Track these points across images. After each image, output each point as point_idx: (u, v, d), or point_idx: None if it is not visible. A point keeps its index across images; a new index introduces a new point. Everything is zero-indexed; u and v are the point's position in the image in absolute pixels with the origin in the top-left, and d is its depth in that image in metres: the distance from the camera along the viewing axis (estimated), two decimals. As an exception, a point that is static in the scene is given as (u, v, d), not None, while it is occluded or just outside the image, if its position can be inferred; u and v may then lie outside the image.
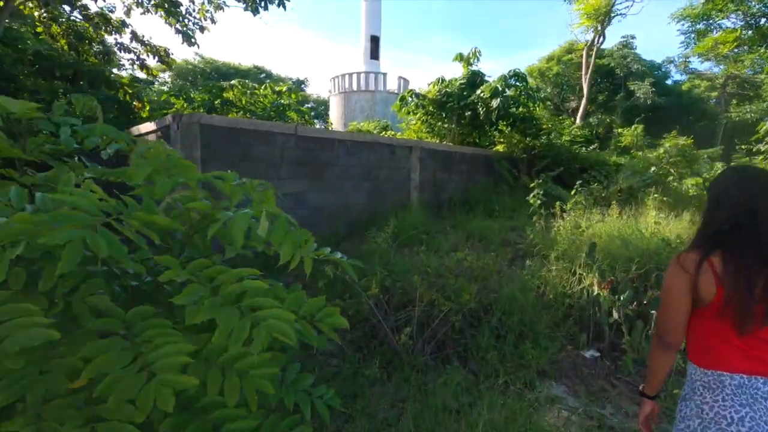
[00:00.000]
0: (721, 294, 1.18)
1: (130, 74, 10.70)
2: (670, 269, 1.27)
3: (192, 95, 8.25)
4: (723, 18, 14.58)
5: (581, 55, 26.63)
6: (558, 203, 5.92)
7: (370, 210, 6.68)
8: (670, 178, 8.48)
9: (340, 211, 6.35)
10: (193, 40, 7.95)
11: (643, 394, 1.42)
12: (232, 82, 7.81)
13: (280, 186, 5.62)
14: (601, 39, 18.16)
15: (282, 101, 8.98)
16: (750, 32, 15.03)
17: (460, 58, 8.52)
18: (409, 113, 9.05)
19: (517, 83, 8.10)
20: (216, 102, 7.46)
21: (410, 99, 8.82)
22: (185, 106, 7.25)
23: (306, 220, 5.93)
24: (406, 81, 23.19)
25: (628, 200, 6.81)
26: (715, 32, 15.40)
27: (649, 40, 48.22)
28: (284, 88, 9.33)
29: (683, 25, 15.27)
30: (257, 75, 36.03)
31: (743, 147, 12.64)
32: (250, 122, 5.36)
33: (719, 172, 1.51)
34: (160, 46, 8.65)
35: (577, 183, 8.09)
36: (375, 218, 6.51)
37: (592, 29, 15.96)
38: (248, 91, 8.19)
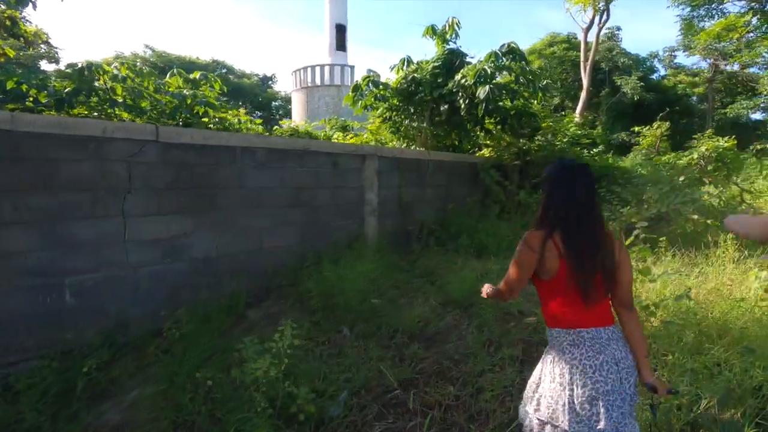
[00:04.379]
0: (564, 268, 1.45)
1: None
2: (520, 247, 1.52)
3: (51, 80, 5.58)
4: (727, 1, 12.96)
5: (563, 48, 25.03)
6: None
7: (300, 253, 4.39)
8: (705, 189, 6.50)
9: (247, 260, 4.03)
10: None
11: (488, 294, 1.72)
12: (99, 62, 5.30)
13: (129, 227, 3.28)
14: (605, 17, 16.22)
15: (192, 92, 6.47)
16: (755, 19, 13.46)
17: (431, 32, 6.27)
18: (366, 108, 6.78)
19: (512, 64, 5.92)
20: (68, 93, 4.90)
21: (367, 89, 6.55)
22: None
23: (182, 279, 3.60)
24: (377, 75, 20.89)
25: (673, 232, 4.77)
26: (716, 18, 13.80)
27: (629, 33, 47.33)
28: (197, 75, 6.79)
29: (683, 9, 13.53)
30: (216, 70, 33.10)
31: (757, 147, 10.93)
32: (54, 122, 2.98)
33: (552, 165, 1.60)
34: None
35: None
36: (308, 266, 4.23)
37: (591, 5, 13.99)
38: (134, 78, 5.63)
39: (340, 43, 21.57)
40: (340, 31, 21.61)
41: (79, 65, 4.62)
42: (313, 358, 2.83)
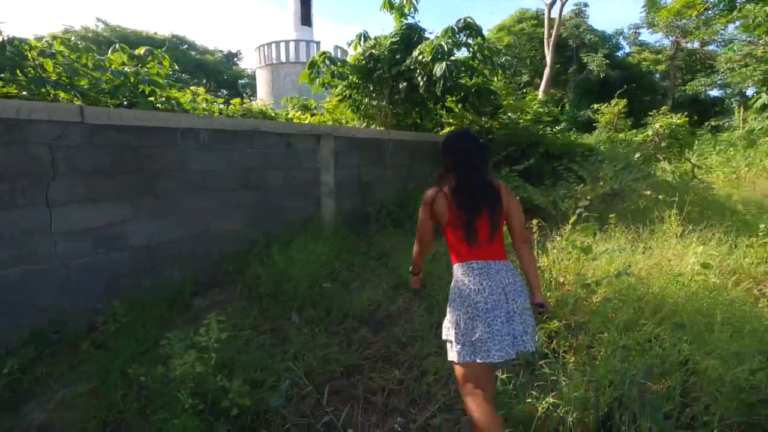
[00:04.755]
0: (453, 215, 1.79)
1: None
2: (423, 202, 1.87)
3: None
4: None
5: (532, 25, 24.96)
6: (536, 221, 3.78)
7: (251, 238, 4.25)
8: (660, 165, 6.68)
9: (192, 246, 3.87)
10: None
11: (412, 273, 2.27)
12: (24, 37, 4.87)
13: (56, 216, 3.06)
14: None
15: (135, 69, 6.09)
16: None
17: (389, 5, 6.03)
18: (324, 86, 6.54)
19: (470, 40, 5.79)
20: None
21: (324, 66, 6.30)
22: None
23: (121, 269, 3.42)
24: (344, 52, 20.34)
25: (626, 209, 4.86)
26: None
27: (597, 10, 47.74)
28: (142, 50, 6.37)
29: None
30: (176, 46, 31.43)
31: (711, 123, 11.32)
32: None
33: (446, 135, 2.08)
34: None
35: (553, 180, 6.07)
36: (258, 251, 4.10)
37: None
38: (68, 54, 5.22)
39: (305, 17, 20.80)
40: (305, 4, 20.80)
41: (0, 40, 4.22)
42: (255, 348, 2.74)
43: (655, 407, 1.64)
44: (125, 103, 5.91)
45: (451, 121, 7.15)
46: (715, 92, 23.52)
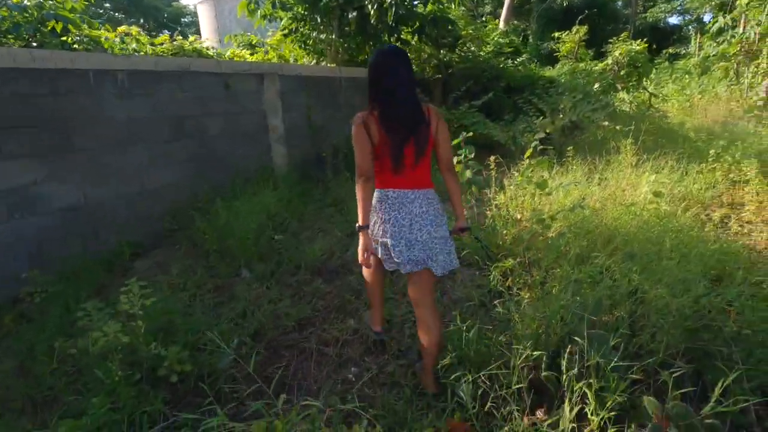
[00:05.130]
0: (382, 140, 1.70)
1: None
2: (353, 127, 1.72)
3: None
4: None
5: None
6: (493, 158, 3.65)
7: (194, 192, 3.93)
8: (619, 95, 6.63)
9: (127, 205, 3.53)
10: None
11: (359, 228, 1.78)
12: None
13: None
14: None
15: (38, 1, 5.36)
16: None
17: None
18: (266, 19, 5.89)
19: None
20: None
21: (264, -5, 5.63)
22: None
23: (46, 234, 3.09)
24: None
25: (585, 141, 4.81)
26: None
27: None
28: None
29: None
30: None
31: (669, 52, 11.27)
32: None
33: (372, 54, 1.84)
34: None
35: (514, 115, 5.92)
36: (202, 205, 3.81)
37: None
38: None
39: (248, -57, 18.65)
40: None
41: None
42: (200, 308, 2.58)
43: (602, 341, 1.62)
44: (34, 45, 5.16)
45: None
46: (674, 20, 23.45)
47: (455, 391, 1.75)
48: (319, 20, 5.80)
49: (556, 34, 9.18)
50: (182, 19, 34.63)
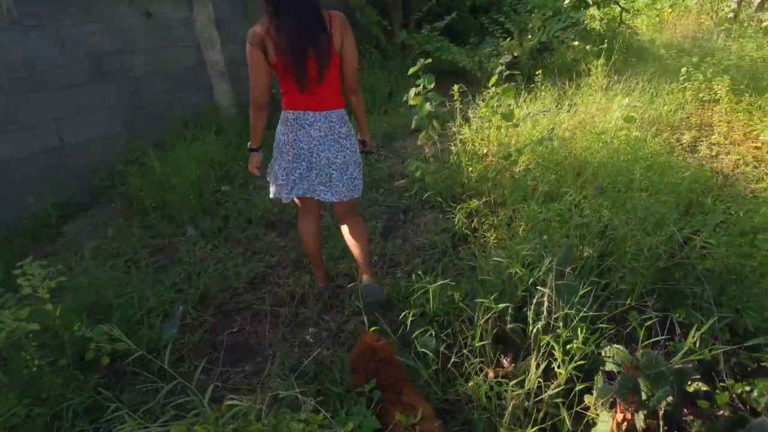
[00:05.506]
0: (280, 57, 1.56)
1: None
2: (247, 47, 1.58)
3: None
4: None
5: None
6: (457, 87, 3.32)
7: (128, 144, 3.48)
8: (589, 12, 6.23)
9: (47, 163, 3.09)
10: None
11: (250, 149, 1.84)
12: None
13: None
14: None
15: None
16: None
17: None
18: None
19: None
20: None
21: None
22: None
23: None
24: None
25: (554, 63, 4.50)
26: None
27: None
28: None
29: None
30: None
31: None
32: None
33: None
34: None
35: (480, 37, 5.49)
36: (137, 157, 3.40)
37: None
38: None
39: None
40: None
41: None
42: (138, 276, 2.32)
43: (570, 291, 1.49)
44: None
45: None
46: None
47: (417, 346, 1.62)
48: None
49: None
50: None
